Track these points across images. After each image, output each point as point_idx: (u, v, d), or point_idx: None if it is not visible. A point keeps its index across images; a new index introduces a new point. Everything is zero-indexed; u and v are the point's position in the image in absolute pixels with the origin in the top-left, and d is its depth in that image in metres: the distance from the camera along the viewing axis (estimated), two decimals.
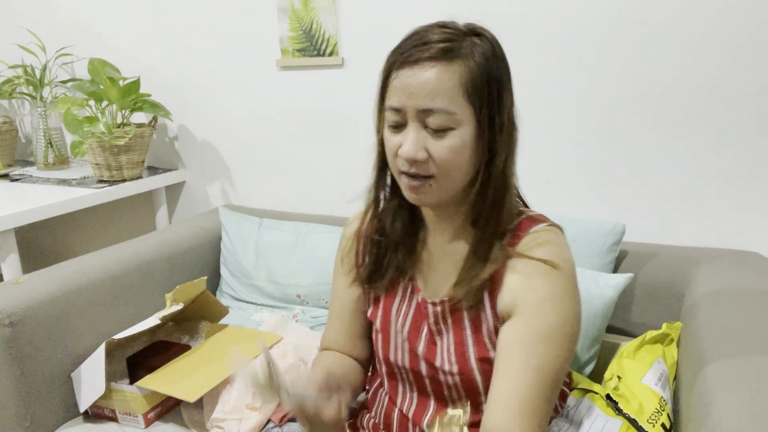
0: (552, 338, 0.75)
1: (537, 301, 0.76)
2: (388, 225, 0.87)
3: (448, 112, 0.72)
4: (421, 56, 0.72)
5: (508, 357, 0.76)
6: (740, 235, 1.32)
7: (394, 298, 0.90)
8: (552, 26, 1.38)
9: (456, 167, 0.75)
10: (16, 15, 2.12)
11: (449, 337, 0.84)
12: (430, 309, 0.85)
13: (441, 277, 0.85)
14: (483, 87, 0.73)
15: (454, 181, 0.76)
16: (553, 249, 0.78)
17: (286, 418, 1.14)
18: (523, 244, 0.79)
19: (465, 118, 0.73)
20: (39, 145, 1.99)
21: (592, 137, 1.41)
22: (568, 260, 0.79)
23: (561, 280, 0.77)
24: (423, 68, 0.72)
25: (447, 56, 0.72)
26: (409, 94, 0.73)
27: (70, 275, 1.30)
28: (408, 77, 0.73)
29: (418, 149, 0.73)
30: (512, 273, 0.78)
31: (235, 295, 1.64)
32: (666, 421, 0.97)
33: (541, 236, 0.79)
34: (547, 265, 0.76)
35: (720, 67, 1.26)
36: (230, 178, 1.93)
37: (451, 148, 0.73)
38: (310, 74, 1.70)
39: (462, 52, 0.72)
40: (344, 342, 0.97)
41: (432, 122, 0.73)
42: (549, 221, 0.83)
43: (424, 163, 0.74)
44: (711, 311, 1.03)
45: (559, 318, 0.76)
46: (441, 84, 0.71)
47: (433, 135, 0.73)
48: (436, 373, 0.85)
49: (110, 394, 1.20)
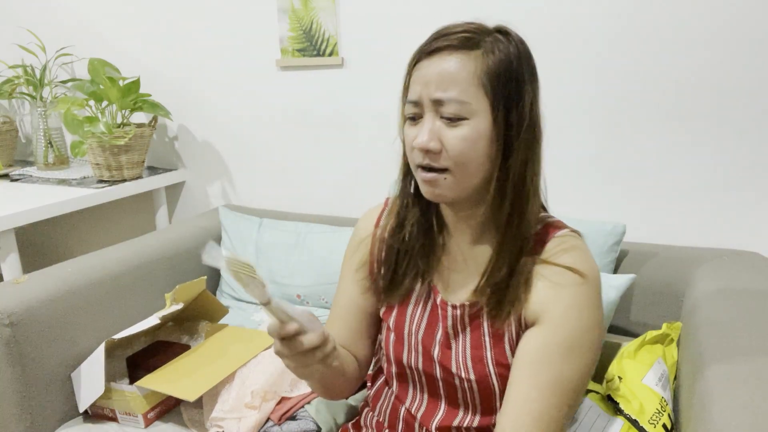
0: (574, 348, 0.74)
1: (562, 310, 0.74)
2: (409, 231, 0.85)
3: (460, 101, 0.71)
4: (440, 45, 0.73)
5: (527, 366, 0.74)
6: (740, 235, 1.32)
7: (410, 299, 0.89)
8: (552, 27, 1.38)
9: (470, 159, 0.73)
10: (16, 15, 2.12)
11: (465, 341, 0.82)
12: (450, 311, 0.84)
13: (462, 279, 0.84)
14: (500, 82, 0.72)
15: (469, 174, 0.75)
16: (579, 255, 0.77)
17: (285, 417, 1.14)
18: (548, 250, 0.78)
19: (479, 109, 0.72)
20: (39, 145, 1.99)
21: (592, 138, 1.41)
22: (594, 268, 0.78)
23: (587, 289, 0.76)
24: (441, 57, 0.73)
25: (466, 45, 0.72)
26: (425, 83, 0.73)
27: (70, 275, 1.30)
28: (425, 68, 0.74)
29: (432, 138, 0.73)
30: (538, 280, 0.77)
31: (235, 295, 1.64)
32: (667, 421, 0.97)
33: (567, 241, 0.79)
34: (575, 273, 0.75)
35: (720, 67, 1.26)
36: (230, 178, 1.93)
37: (464, 138, 0.72)
38: (310, 74, 1.70)
39: (482, 44, 0.73)
40: (346, 336, 0.95)
41: (445, 111, 0.72)
42: (569, 227, 0.82)
43: (437, 154, 0.74)
44: (711, 311, 1.03)
45: (583, 327, 0.75)
46: (456, 72, 0.72)
47: (447, 125, 0.73)
48: (452, 377, 0.83)
49: (110, 393, 1.20)
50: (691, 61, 1.28)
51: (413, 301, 0.88)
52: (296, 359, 0.75)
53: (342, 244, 1.54)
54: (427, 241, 0.86)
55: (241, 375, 1.20)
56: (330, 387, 0.92)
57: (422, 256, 0.86)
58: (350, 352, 0.96)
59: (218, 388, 1.18)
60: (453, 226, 0.84)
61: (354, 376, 0.95)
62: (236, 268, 0.67)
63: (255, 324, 1.51)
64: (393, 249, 0.87)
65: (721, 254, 1.27)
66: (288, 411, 1.15)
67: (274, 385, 1.17)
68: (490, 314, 0.80)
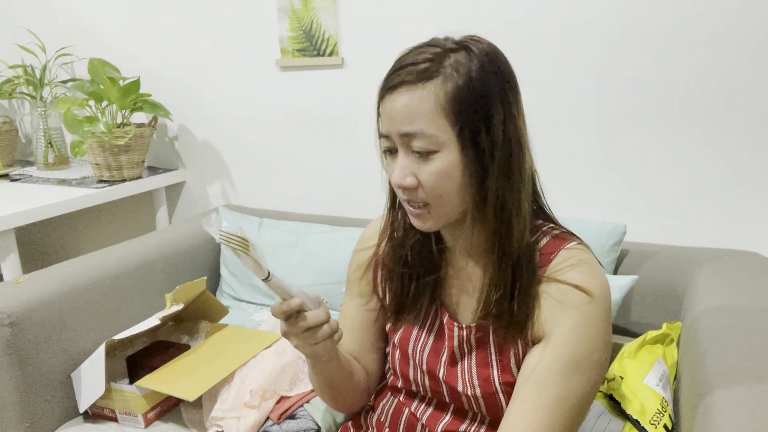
0: (580, 367, 0.72)
1: (569, 328, 0.73)
2: (409, 254, 0.84)
3: (426, 135, 0.70)
4: (397, 81, 0.71)
5: (532, 383, 0.73)
6: (740, 235, 1.32)
7: (416, 318, 0.88)
8: (552, 27, 1.38)
9: (446, 192, 0.72)
10: (16, 15, 2.12)
11: (471, 361, 0.81)
12: (456, 332, 0.83)
13: (468, 299, 0.83)
14: (464, 105, 0.69)
15: (450, 205, 0.73)
16: (588, 271, 0.75)
17: (285, 416, 1.14)
18: (554, 266, 0.76)
19: (447, 140, 0.70)
20: (39, 145, 1.99)
21: (592, 138, 1.41)
22: (603, 284, 0.75)
23: (595, 308, 0.73)
24: (400, 93, 0.71)
25: (423, 78, 0.70)
26: (391, 119, 0.72)
27: (70, 275, 1.30)
28: (389, 103, 0.72)
29: (406, 175, 0.72)
30: (545, 299, 0.75)
31: (235, 294, 1.64)
32: (668, 422, 0.97)
33: (575, 256, 0.76)
34: (582, 292, 0.73)
35: (720, 68, 1.26)
36: (230, 178, 1.93)
37: (436, 172, 0.71)
38: (310, 74, 1.70)
39: (440, 71, 0.70)
40: (353, 349, 0.94)
41: (415, 146, 0.71)
42: (577, 238, 0.80)
43: (414, 190, 0.73)
44: (711, 311, 1.03)
45: (590, 347, 0.73)
46: (417, 107, 0.70)
47: (419, 160, 0.72)
48: (458, 394, 0.83)
49: (110, 393, 1.20)
50: (691, 62, 1.28)
51: (420, 321, 0.87)
52: (304, 337, 0.74)
53: (342, 245, 1.55)
54: (429, 262, 0.84)
55: (240, 374, 1.20)
56: (339, 391, 0.90)
57: (427, 275, 0.85)
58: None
59: (218, 387, 1.18)
60: (452, 247, 0.83)
61: (363, 385, 0.93)
62: (232, 245, 0.67)
63: (255, 324, 1.51)
64: (397, 271, 0.86)
65: (721, 254, 1.27)
66: (287, 410, 1.15)
67: (273, 384, 1.17)
68: (496, 335, 0.79)
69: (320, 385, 0.90)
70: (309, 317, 0.73)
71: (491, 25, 1.41)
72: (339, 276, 1.50)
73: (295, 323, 0.73)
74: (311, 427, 1.12)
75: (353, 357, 0.93)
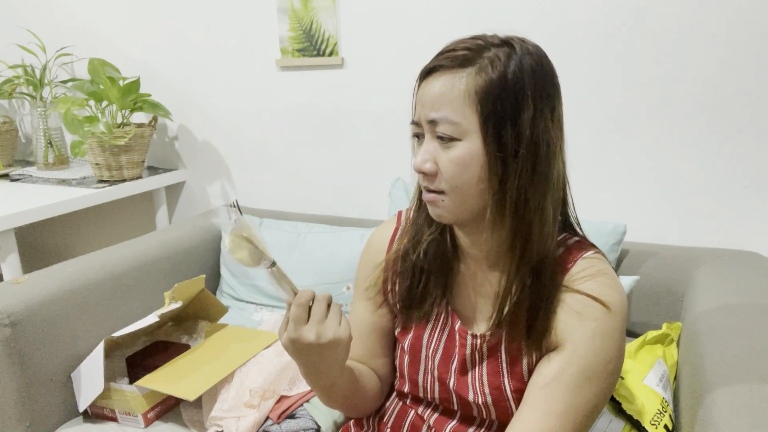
0: (593, 377, 0.72)
1: (584, 339, 0.72)
2: (425, 249, 0.83)
3: (450, 121, 0.70)
4: (436, 65, 0.72)
5: (542, 391, 0.73)
6: (740, 235, 1.32)
7: (427, 323, 0.86)
8: (552, 27, 1.38)
9: (464, 182, 0.71)
10: (16, 15, 2.12)
11: (482, 369, 0.81)
12: (469, 340, 0.81)
13: (481, 307, 0.82)
14: (493, 98, 0.68)
15: (467, 197, 0.72)
16: (606, 281, 0.74)
17: (285, 416, 1.14)
18: (571, 275, 0.75)
19: (471, 130, 0.69)
20: (39, 145, 1.99)
21: (592, 138, 1.41)
22: (621, 296, 0.74)
23: (611, 320, 0.72)
24: (435, 78, 0.71)
25: (458, 64, 0.70)
26: (422, 105, 0.72)
27: (70, 275, 1.30)
28: (423, 88, 0.73)
29: (426, 161, 0.72)
30: (561, 309, 0.74)
31: (235, 294, 1.64)
32: (668, 422, 0.97)
33: (594, 266, 0.75)
34: (601, 304, 0.72)
35: (720, 68, 1.26)
36: (230, 178, 1.93)
37: (456, 160, 0.70)
38: (310, 74, 1.70)
39: (477, 61, 0.70)
40: (362, 356, 0.92)
41: (439, 131, 0.71)
42: (594, 247, 0.79)
43: (434, 176, 0.72)
44: (711, 311, 1.03)
45: (605, 358, 0.72)
46: (447, 92, 0.70)
47: (442, 146, 0.72)
48: (468, 404, 0.82)
49: (110, 393, 1.20)
50: (691, 62, 1.28)
51: (431, 325, 0.86)
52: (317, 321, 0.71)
53: (342, 245, 1.56)
54: (444, 262, 0.83)
55: (239, 374, 1.20)
56: (350, 400, 0.87)
57: (440, 275, 0.84)
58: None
59: (217, 387, 1.18)
60: (467, 250, 0.82)
61: (374, 390, 0.91)
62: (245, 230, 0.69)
63: (255, 324, 1.51)
64: (409, 265, 0.85)
65: (721, 254, 1.27)
66: (287, 409, 1.15)
67: (273, 383, 1.17)
68: (509, 346, 0.78)
69: (329, 390, 0.83)
70: (319, 297, 0.71)
71: (491, 26, 1.41)
72: (339, 276, 1.50)
73: (304, 310, 0.70)
74: (311, 427, 1.12)
75: (364, 362, 0.92)
